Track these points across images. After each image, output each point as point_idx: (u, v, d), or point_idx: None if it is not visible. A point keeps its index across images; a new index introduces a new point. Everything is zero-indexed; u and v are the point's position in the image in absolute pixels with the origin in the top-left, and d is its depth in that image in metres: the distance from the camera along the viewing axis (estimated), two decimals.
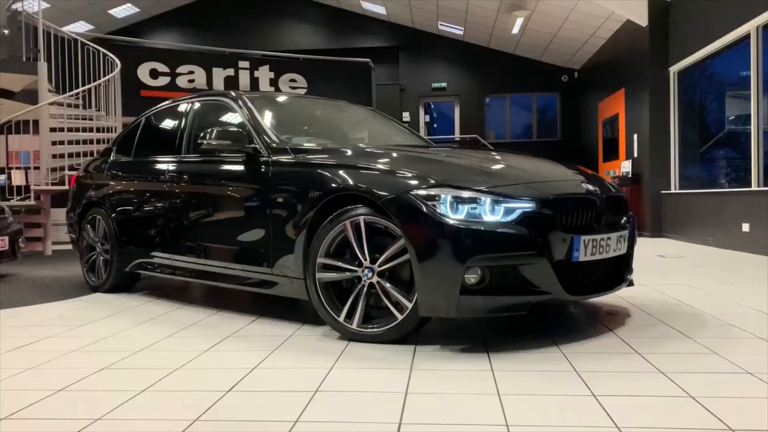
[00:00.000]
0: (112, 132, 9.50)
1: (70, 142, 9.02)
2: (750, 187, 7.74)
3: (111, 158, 5.26)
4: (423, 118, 16.65)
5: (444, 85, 16.36)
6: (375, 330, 3.12)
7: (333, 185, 3.30)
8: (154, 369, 2.78)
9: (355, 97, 13.60)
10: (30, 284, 5.76)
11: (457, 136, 16.17)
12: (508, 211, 2.95)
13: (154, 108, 5.12)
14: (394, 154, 3.48)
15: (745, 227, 7.64)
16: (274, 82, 13.27)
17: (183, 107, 4.71)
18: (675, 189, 10.11)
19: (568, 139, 15.94)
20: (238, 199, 3.91)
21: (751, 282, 5.09)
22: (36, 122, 8.69)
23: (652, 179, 10.40)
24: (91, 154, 9.18)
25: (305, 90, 13.35)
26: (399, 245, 3.03)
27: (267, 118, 4.12)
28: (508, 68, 16.03)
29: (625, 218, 3.55)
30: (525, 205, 2.98)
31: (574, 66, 15.74)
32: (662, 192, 10.27)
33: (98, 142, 9.30)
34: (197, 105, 4.61)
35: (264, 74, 13.24)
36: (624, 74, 11.91)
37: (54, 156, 8.74)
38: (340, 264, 3.24)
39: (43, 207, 8.75)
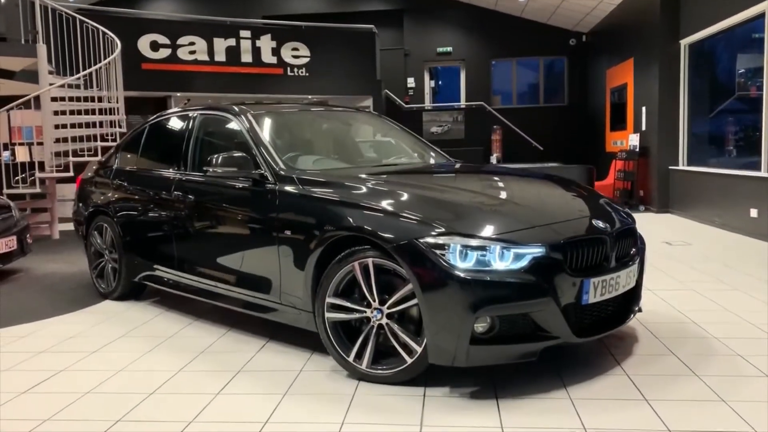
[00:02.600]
0: (114, 114, 9.42)
1: (72, 125, 8.94)
2: (759, 171, 7.65)
3: (116, 165, 5.22)
4: (428, 83, 16.40)
5: (449, 49, 16.05)
6: (384, 372, 3.14)
7: (341, 224, 3.27)
8: (166, 422, 2.82)
9: (358, 64, 13.44)
10: (40, 286, 5.80)
11: (462, 103, 15.96)
12: (517, 258, 2.93)
13: (158, 116, 5.07)
14: (403, 194, 3.38)
15: (753, 212, 7.60)
16: (276, 51, 13.02)
17: (187, 119, 4.64)
18: (683, 165, 10.02)
19: (576, 106, 15.72)
20: (244, 224, 3.90)
21: (758, 285, 5.08)
22: (37, 98, 8.60)
23: (660, 154, 10.30)
24: (95, 137, 9.14)
25: (308, 59, 13.12)
26: (407, 289, 3.02)
27: (272, 138, 4.06)
28: (515, 31, 15.68)
29: (634, 249, 3.52)
30: (535, 251, 2.95)
31: (582, 30, 15.40)
32: (670, 168, 10.19)
33: (101, 125, 9.23)
34: (202, 118, 4.55)
35: (266, 43, 12.99)
36: (633, 43, 11.66)
37: (57, 140, 8.68)
38: (349, 304, 3.24)
39: (49, 192, 8.75)
